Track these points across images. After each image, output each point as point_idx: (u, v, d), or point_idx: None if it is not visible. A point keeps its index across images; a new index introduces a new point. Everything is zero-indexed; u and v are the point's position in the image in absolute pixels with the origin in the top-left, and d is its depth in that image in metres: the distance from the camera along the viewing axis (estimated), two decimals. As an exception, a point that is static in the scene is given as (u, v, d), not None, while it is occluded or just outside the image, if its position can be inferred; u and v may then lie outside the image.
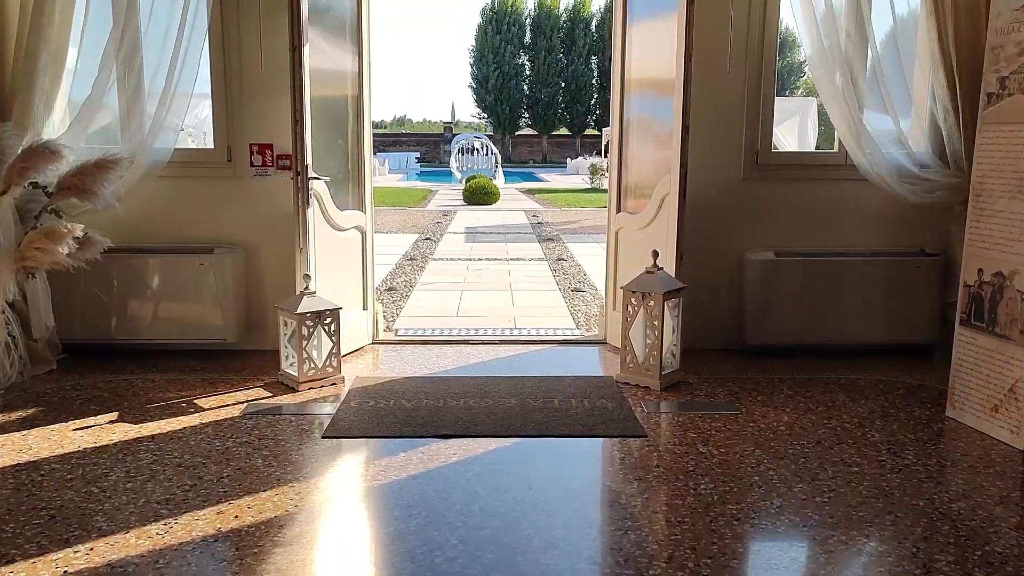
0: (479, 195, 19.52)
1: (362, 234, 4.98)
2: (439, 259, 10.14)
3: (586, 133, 56.67)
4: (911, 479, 3.10)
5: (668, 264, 4.35)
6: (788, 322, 4.78)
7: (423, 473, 3.18)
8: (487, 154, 34.58)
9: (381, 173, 39.26)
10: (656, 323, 4.18)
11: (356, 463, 3.35)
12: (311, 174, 4.30)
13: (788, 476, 3.13)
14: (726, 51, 4.65)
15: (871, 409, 3.93)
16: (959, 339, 3.73)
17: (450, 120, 66.73)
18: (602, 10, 55.02)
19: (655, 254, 4.26)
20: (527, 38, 55.53)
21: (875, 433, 3.60)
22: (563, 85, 54.98)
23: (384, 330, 5.77)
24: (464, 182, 25.46)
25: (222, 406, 3.96)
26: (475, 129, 56.83)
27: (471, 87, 56.85)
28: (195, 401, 4.03)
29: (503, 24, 54.51)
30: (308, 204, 4.30)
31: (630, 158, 4.97)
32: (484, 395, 4.09)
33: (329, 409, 3.91)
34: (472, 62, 56.40)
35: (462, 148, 34.57)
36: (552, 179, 35.65)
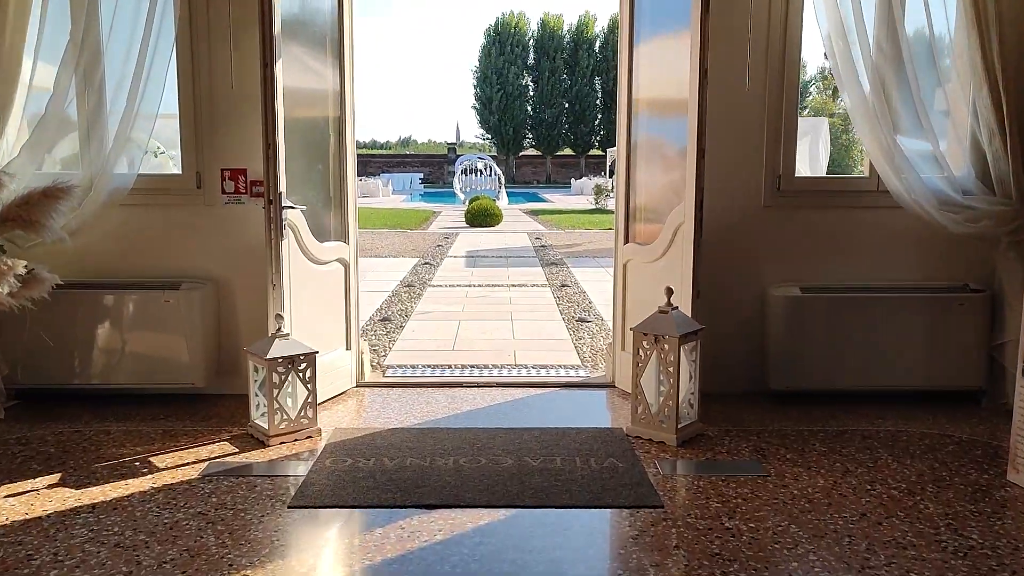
0: (481, 217, 19.13)
1: (345, 267, 4.53)
2: (438, 285, 9.70)
3: (590, 153, 56.44)
4: (980, 567, 2.61)
5: (683, 302, 3.89)
6: (816, 365, 4.31)
7: (400, 557, 2.70)
8: (490, 175, 34.27)
9: (385, 194, 39.04)
10: (671, 369, 3.72)
11: (323, 543, 2.87)
12: (285, 202, 3.87)
13: (832, 562, 2.65)
14: (744, 68, 4.21)
15: (920, 471, 3.45)
16: (1022, 392, 3.25)
17: (455, 141, 66.73)
18: (605, 31, 55.04)
19: (669, 291, 3.80)
20: (531, 59, 55.48)
21: (928, 503, 3.11)
22: (567, 105, 54.84)
23: (373, 367, 5.32)
24: (467, 203, 25.12)
25: (180, 465, 3.49)
26: (479, 150, 56.65)
27: (475, 108, 56.76)
28: (151, 459, 3.56)
29: (506, 45, 54.49)
30: (282, 236, 3.86)
31: (639, 184, 4.53)
32: (477, 452, 3.62)
33: (301, 469, 3.44)
34: (475, 83, 56.35)
35: (465, 169, 34.26)
36: (556, 199, 35.30)
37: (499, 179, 32.73)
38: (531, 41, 55.42)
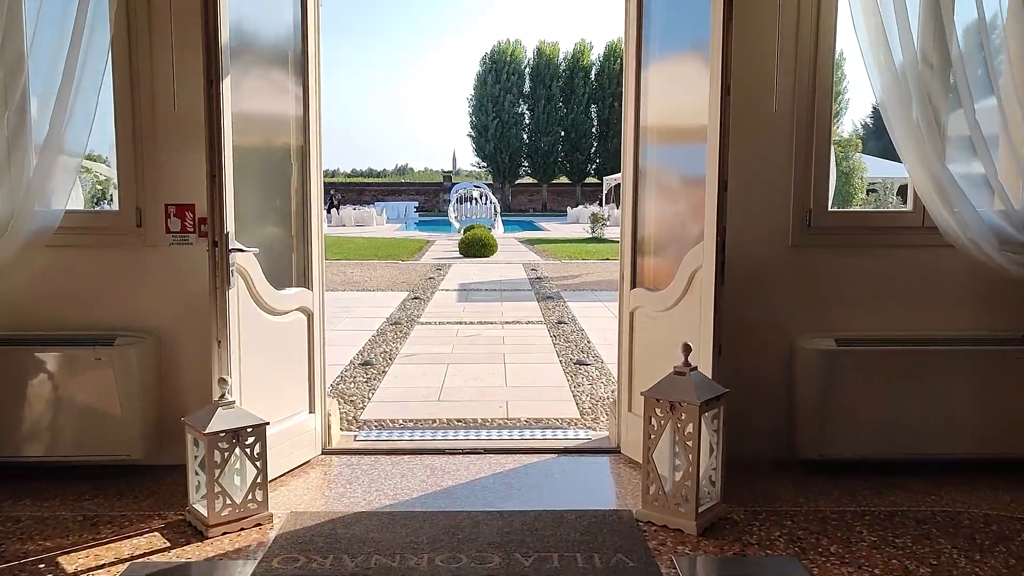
0: (476, 247, 18.58)
1: (308, 317, 3.93)
2: (427, 322, 9.09)
3: (586, 181, 56.18)
4: None
5: (702, 360, 3.30)
6: (854, 430, 3.70)
7: None
8: (486, 203, 33.85)
9: (379, 223, 38.59)
10: (690, 443, 3.11)
11: None
12: (233, 244, 3.28)
13: None
14: (769, 84, 3.66)
15: (995, 570, 2.83)
16: None
17: (451, 169, 66.46)
18: (601, 58, 55.06)
19: (686, 349, 3.21)
20: (526, 87, 55.40)
21: (1019, 623, 2.50)
22: (563, 134, 54.66)
23: (348, 422, 4.71)
24: (462, 232, 24.62)
25: (93, 568, 2.86)
26: (475, 178, 56.41)
27: (470, 136, 56.58)
28: (59, 559, 2.93)
29: (502, 73, 54.41)
30: (229, 283, 3.27)
31: (647, 220, 3.95)
32: (458, 546, 2.99)
33: (242, 572, 2.82)
34: (471, 111, 56.21)
35: (460, 197, 33.85)
36: (552, 228, 34.84)
37: (494, 207, 32.29)
38: (527, 69, 55.37)
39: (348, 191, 55.08)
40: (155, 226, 3.73)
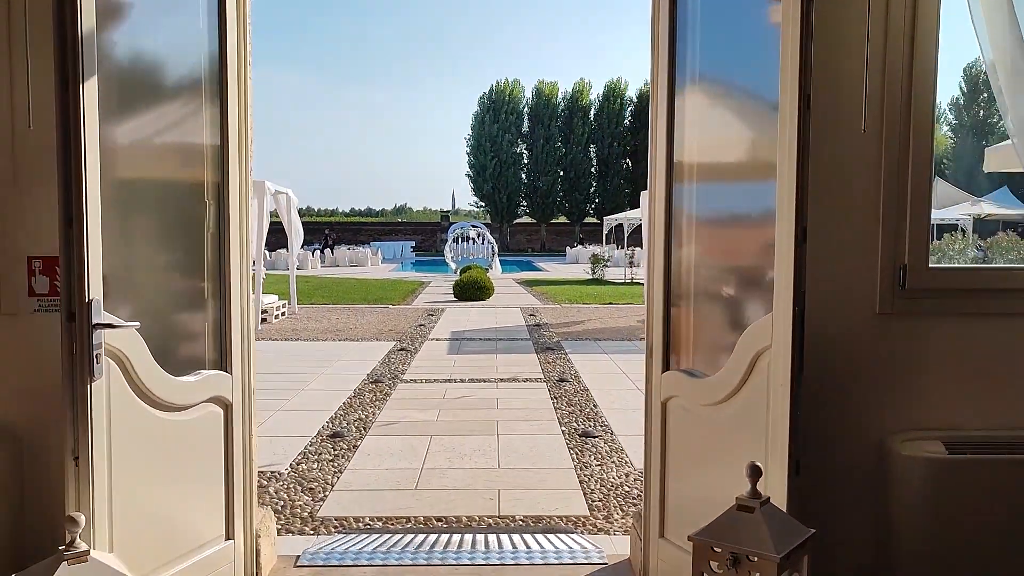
0: (471, 290, 17.61)
1: (225, 410, 2.89)
2: (412, 380, 8.07)
3: (585, 221, 55.50)
4: None
5: (773, 482, 2.29)
6: (974, 568, 2.67)
7: None
8: (483, 243, 33.01)
9: (374, 263, 37.70)
10: (765, 616, 2.08)
11: None
12: (101, 317, 2.29)
13: None
14: (857, 101, 2.70)
15: None
16: None
17: (450, 208, 65.87)
18: (600, 98, 54.78)
19: (755, 473, 2.19)
20: (525, 126, 55.00)
21: None
22: (561, 173, 54.13)
23: (303, 520, 3.67)
24: (459, 273, 23.68)
25: None
26: (474, 218, 55.73)
27: (468, 176, 56.06)
28: None
29: (500, 113, 54.05)
30: (93, 373, 2.27)
31: (685, 279, 2.96)
32: None
33: None
34: (469, 151, 55.74)
35: (457, 237, 33.02)
36: (551, 268, 33.94)
37: (492, 248, 31.44)
38: (525, 109, 55.03)
39: (344, 231, 54.38)
40: (12, 287, 2.73)
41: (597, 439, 5.83)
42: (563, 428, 6.12)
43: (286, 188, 13.88)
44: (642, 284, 24.29)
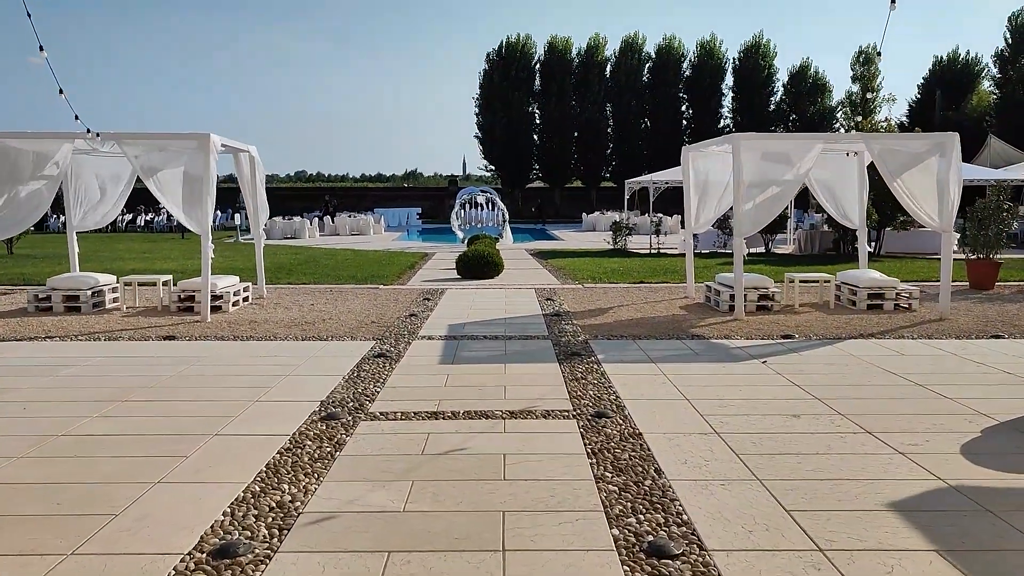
0: (477, 267, 15.05)
1: None
2: (381, 415, 5.56)
3: (601, 186, 52.54)
4: None
5: None
6: None
7: None
8: (493, 210, 30.37)
9: (376, 232, 35.13)
10: None
11: None
12: None
13: None
14: None
15: None
16: None
17: (460, 173, 62.95)
18: (617, 52, 51.44)
19: None
20: (537, 84, 51.80)
21: None
22: (576, 134, 51.02)
23: None
24: (466, 243, 21.10)
25: None
26: (485, 183, 52.87)
27: (477, 137, 53.09)
28: None
29: (511, 70, 50.89)
30: None
31: None
32: None
33: None
34: (478, 111, 52.70)
35: (464, 203, 30.37)
36: (567, 237, 31.25)
37: (502, 214, 28.79)
38: (537, 65, 51.80)
39: (347, 197, 51.84)
40: None
41: (679, 560, 3.32)
42: (615, 531, 3.60)
43: (245, 145, 11.28)
44: (671, 255, 21.65)
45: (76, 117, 7.38)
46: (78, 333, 8.96)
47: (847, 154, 11.76)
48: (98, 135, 8.83)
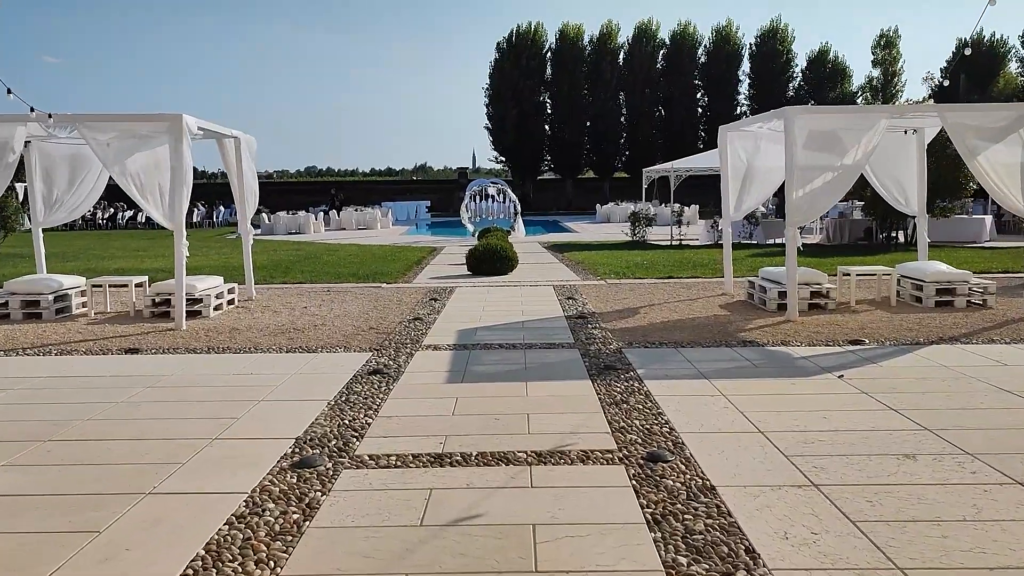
0: (488, 262, 13.78)
1: None
2: (370, 458, 4.31)
3: (615, 176, 51.07)
4: None
5: None
6: None
7: None
8: (504, 201, 29.04)
9: (384, 225, 33.87)
10: None
11: None
12: None
13: None
14: None
15: None
16: None
17: (469, 166, 61.36)
18: (630, 40, 49.90)
19: None
20: (548, 73, 50.31)
21: None
22: (589, 124, 49.51)
23: None
24: (476, 236, 19.83)
25: None
26: (495, 175, 51.53)
27: (487, 128, 51.69)
28: None
29: (521, 58, 49.41)
30: None
31: None
32: None
33: None
34: (488, 101, 51.28)
35: (475, 194, 29.07)
36: (581, 229, 29.87)
37: (514, 206, 27.42)
38: (548, 53, 50.28)
39: (355, 191, 50.63)
40: None
41: None
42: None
43: (230, 130, 10.04)
44: (694, 247, 20.33)
45: (8, 91, 6.14)
46: (29, 346, 7.74)
47: (904, 132, 10.42)
48: (50, 116, 7.60)
